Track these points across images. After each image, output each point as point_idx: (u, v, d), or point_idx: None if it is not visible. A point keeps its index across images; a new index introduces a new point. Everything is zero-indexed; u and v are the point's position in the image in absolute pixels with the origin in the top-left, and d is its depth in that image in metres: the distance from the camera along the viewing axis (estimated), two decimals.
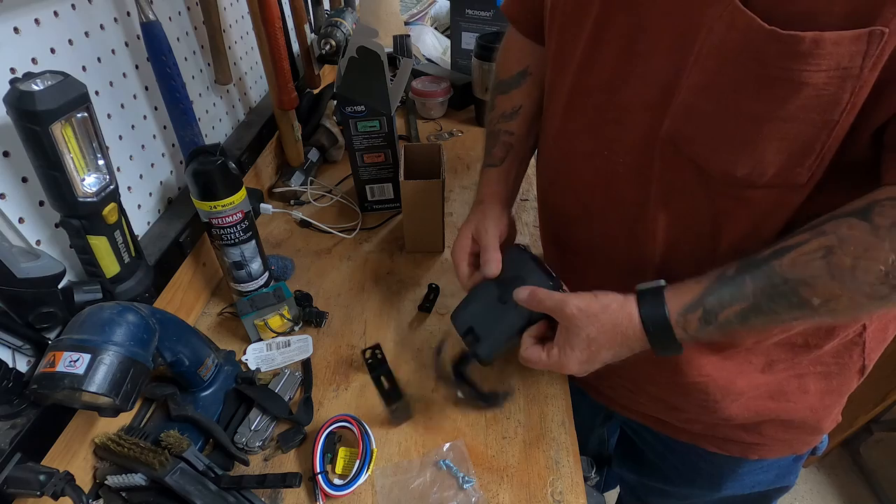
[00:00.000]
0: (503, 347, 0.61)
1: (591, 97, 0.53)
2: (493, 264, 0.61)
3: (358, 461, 0.60)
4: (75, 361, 0.48)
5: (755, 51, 0.38)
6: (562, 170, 0.62)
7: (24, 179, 0.57)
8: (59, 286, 0.55)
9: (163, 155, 0.83)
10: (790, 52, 0.37)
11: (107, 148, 0.58)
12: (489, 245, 0.62)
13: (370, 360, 0.67)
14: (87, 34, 0.66)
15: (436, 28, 1.84)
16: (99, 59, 0.68)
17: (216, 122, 0.98)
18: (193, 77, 0.90)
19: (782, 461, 0.71)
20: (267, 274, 0.81)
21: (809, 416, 0.63)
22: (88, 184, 0.56)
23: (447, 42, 1.66)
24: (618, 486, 1.15)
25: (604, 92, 0.52)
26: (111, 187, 0.58)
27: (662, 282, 0.50)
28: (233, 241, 0.73)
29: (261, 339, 0.77)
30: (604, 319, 0.50)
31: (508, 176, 0.69)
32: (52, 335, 0.57)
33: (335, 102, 1.20)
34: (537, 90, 0.67)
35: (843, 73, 0.36)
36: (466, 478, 0.59)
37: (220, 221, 0.71)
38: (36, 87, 0.49)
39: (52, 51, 0.61)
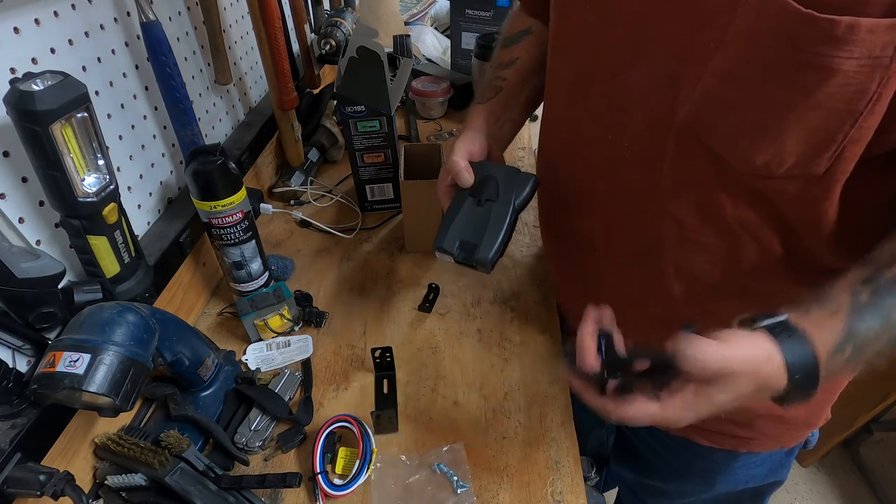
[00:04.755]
0: (500, 245, 0.59)
1: (595, 82, 0.53)
2: (463, 174, 0.60)
3: (358, 461, 0.60)
4: (75, 361, 0.48)
5: (788, 35, 0.37)
6: (564, 157, 0.62)
7: (24, 179, 0.57)
8: (59, 286, 0.55)
9: (163, 155, 0.83)
10: (825, 36, 0.36)
11: (107, 148, 0.58)
12: (456, 161, 0.61)
13: (378, 360, 0.67)
14: (87, 34, 0.66)
15: (436, 28, 1.84)
16: (99, 59, 0.68)
17: (216, 122, 0.98)
18: (193, 77, 0.90)
19: (774, 456, 0.72)
20: (267, 274, 0.81)
21: (801, 413, 0.64)
22: (88, 184, 0.56)
23: (447, 42, 1.66)
24: (617, 487, 1.15)
25: (608, 77, 0.51)
26: (111, 187, 0.58)
27: (785, 315, 0.42)
28: (233, 241, 0.73)
29: (261, 339, 0.77)
30: (766, 370, 0.40)
31: (493, 113, 0.68)
32: (52, 335, 0.57)
33: (335, 102, 1.20)
34: (536, 48, 0.68)
35: (873, 62, 0.35)
36: (461, 482, 0.59)
37: (220, 221, 0.71)
38: (36, 87, 0.49)
39: (52, 51, 0.61)
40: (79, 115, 0.53)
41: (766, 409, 0.62)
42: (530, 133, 1.24)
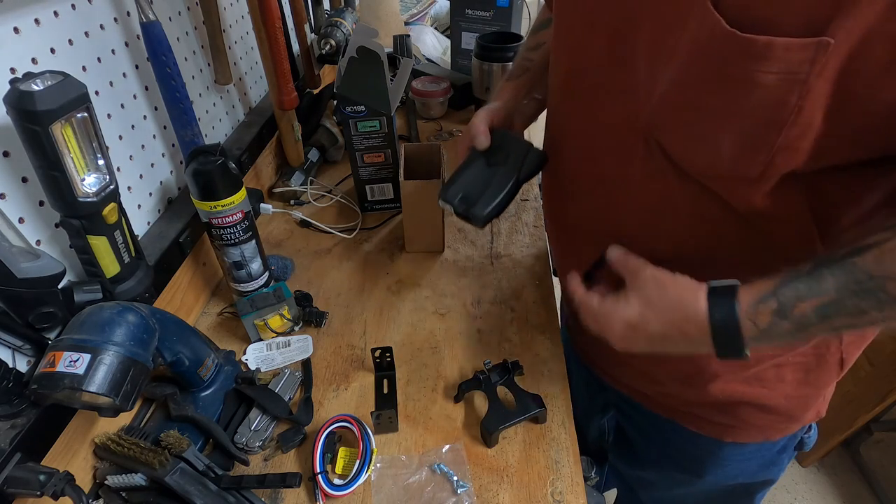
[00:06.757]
0: (497, 205, 0.64)
1: (583, 79, 0.57)
2: (480, 136, 0.67)
3: (358, 461, 0.60)
4: (75, 361, 0.48)
5: (717, 50, 0.41)
6: (559, 144, 0.66)
7: (24, 179, 0.57)
8: (59, 286, 0.55)
9: (163, 155, 0.83)
10: (746, 53, 0.40)
11: (107, 148, 0.58)
12: (477, 124, 0.68)
13: (378, 360, 0.67)
14: (87, 34, 0.66)
15: (436, 28, 1.84)
16: (99, 59, 0.68)
17: (216, 122, 0.98)
18: (193, 77, 0.90)
19: (764, 451, 0.72)
20: (267, 274, 0.81)
21: (783, 404, 0.64)
22: (88, 184, 0.56)
23: (447, 42, 1.66)
24: (616, 487, 1.15)
25: (592, 76, 0.55)
26: (111, 187, 0.58)
27: (737, 281, 0.47)
28: (233, 241, 0.73)
29: (261, 339, 0.77)
30: (671, 291, 0.49)
31: (519, 89, 0.75)
32: (52, 335, 0.57)
33: (335, 102, 1.20)
34: None
35: (791, 77, 0.39)
36: (461, 482, 0.59)
37: (220, 221, 0.71)
38: (36, 87, 0.49)
39: (52, 51, 0.61)
40: (79, 115, 0.53)
41: (749, 398, 0.63)
42: (530, 135, 1.24)
